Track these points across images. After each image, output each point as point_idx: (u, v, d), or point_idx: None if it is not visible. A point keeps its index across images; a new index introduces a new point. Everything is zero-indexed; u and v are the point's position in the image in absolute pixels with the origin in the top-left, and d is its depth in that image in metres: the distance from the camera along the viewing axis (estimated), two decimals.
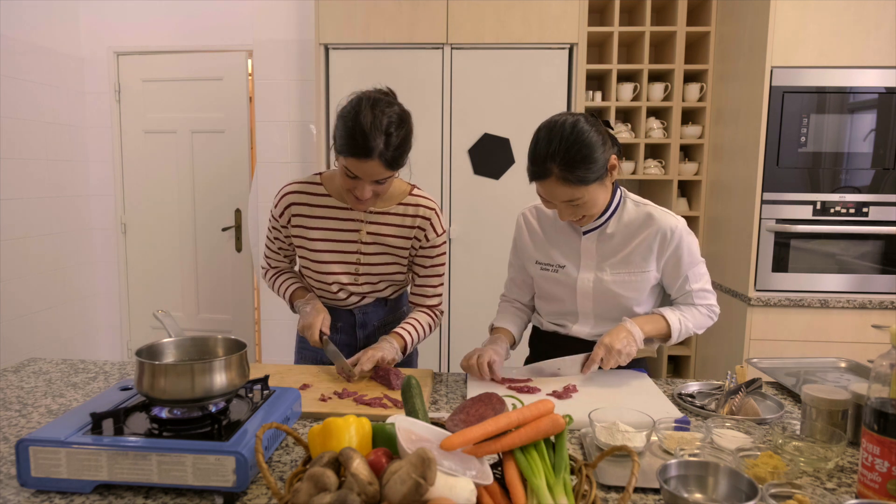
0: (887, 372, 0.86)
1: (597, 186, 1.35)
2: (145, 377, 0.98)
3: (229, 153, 3.54)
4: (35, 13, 3.19)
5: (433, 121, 2.95)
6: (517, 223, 1.60)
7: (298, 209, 1.54)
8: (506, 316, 1.63)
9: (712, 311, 1.51)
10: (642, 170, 3.09)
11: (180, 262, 3.68)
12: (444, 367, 3.06)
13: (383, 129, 1.31)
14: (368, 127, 1.30)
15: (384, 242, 1.54)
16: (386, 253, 1.55)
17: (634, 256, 1.45)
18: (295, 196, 1.54)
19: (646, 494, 0.95)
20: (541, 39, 2.87)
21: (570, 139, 1.29)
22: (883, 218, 2.53)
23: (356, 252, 1.54)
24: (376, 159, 1.32)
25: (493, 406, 0.95)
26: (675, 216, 1.45)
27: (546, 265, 1.53)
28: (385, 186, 1.41)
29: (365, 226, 1.53)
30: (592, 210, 1.39)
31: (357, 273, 1.56)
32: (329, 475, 0.76)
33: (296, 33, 3.27)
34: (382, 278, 1.59)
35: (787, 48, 2.47)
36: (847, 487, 0.97)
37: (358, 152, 1.31)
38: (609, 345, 1.38)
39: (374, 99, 1.35)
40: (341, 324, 1.64)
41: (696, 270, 1.47)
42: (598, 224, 1.46)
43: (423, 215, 1.54)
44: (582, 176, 1.30)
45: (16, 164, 3.07)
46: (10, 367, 1.57)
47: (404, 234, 1.54)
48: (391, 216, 1.53)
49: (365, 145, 1.30)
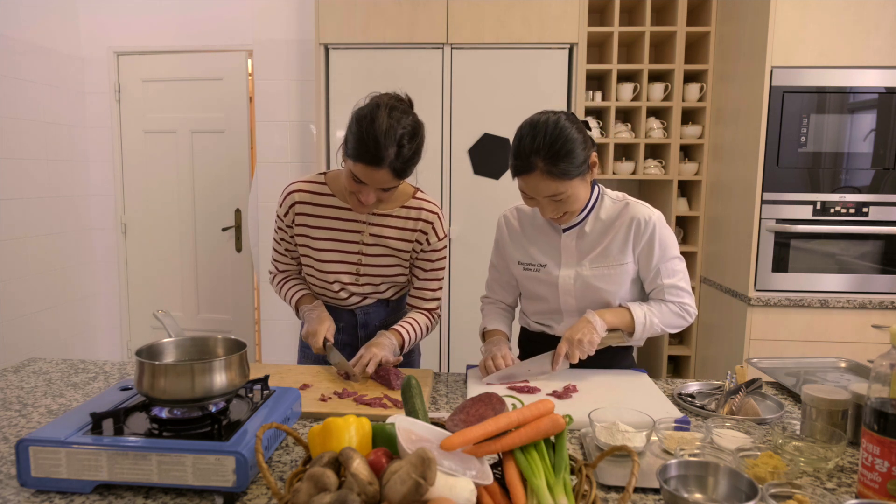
0: (887, 372, 0.86)
1: (579, 182, 1.37)
2: (145, 377, 0.98)
3: (229, 153, 3.54)
4: (35, 13, 3.19)
5: (433, 121, 2.94)
6: (498, 224, 1.62)
7: (302, 208, 1.54)
8: (495, 318, 1.64)
9: (685, 309, 1.48)
10: (642, 170, 3.09)
11: (180, 262, 3.68)
12: (444, 367, 3.06)
13: (396, 139, 1.30)
14: (382, 136, 1.29)
15: (386, 245, 1.54)
16: (388, 255, 1.55)
17: (612, 249, 1.46)
18: (299, 195, 1.54)
19: (646, 494, 0.94)
20: (541, 39, 2.87)
21: (554, 134, 1.31)
22: (883, 218, 2.53)
23: (358, 253, 1.54)
24: (386, 168, 1.31)
25: (493, 406, 0.95)
26: (651, 208, 1.47)
27: (528, 265, 1.54)
28: (390, 193, 1.41)
29: (367, 227, 1.53)
30: (574, 206, 1.40)
31: (358, 273, 1.57)
32: (329, 475, 0.76)
33: (296, 33, 3.27)
34: (384, 279, 1.59)
35: (787, 48, 2.47)
36: (847, 487, 0.97)
37: (368, 160, 1.30)
38: (570, 337, 1.40)
39: (391, 106, 1.34)
40: (343, 324, 1.64)
41: (670, 266, 1.46)
42: (577, 221, 1.48)
43: (426, 219, 1.54)
44: (565, 169, 1.32)
45: (16, 164, 3.07)
46: (10, 367, 1.57)
47: (406, 236, 1.54)
48: (394, 219, 1.53)
49: (376, 154, 1.29)
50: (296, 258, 1.66)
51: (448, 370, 3.05)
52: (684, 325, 1.50)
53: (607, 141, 3.06)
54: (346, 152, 1.37)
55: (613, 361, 1.56)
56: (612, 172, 3.09)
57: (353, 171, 1.34)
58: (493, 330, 1.61)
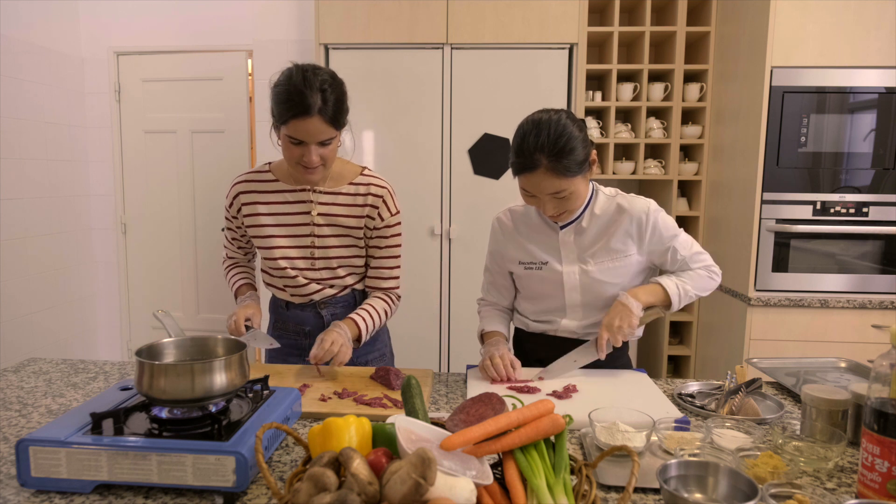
0: (887, 372, 0.86)
1: (580, 179, 1.38)
2: (145, 377, 0.98)
3: (229, 153, 3.54)
4: (35, 13, 3.19)
5: (433, 121, 2.95)
6: (493, 228, 1.63)
7: (247, 197, 1.56)
8: (493, 320, 1.64)
9: (711, 271, 1.52)
10: (642, 170, 3.09)
11: (180, 262, 3.68)
12: (444, 367, 3.06)
13: (318, 85, 1.34)
14: (302, 85, 1.33)
15: (337, 223, 1.54)
16: (341, 235, 1.55)
17: (615, 244, 1.48)
18: (243, 185, 1.57)
19: (646, 494, 0.94)
20: (541, 39, 2.87)
21: (557, 132, 1.32)
22: (883, 218, 2.53)
23: (310, 235, 1.55)
24: (316, 115, 1.34)
25: (493, 406, 0.95)
26: (644, 199, 1.49)
27: (529, 263, 1.55)
28: (331, 151, 1.43)
29: (316, 207, 1.54)
30: (576, 203, 1.41)
31: (313, 257, 1.56)
32: (329, 475, 0.76)
33: (296, 33, 3.27)
34: (340, 262, 1.58)
35: (787, 48, 2.47)
36: (847, 487, 0.97)
37: (297, 111, 1.34)
38: (608, 324, 1.42)
39: (302, 66, 1.39)
40: (309, 328, 1.62)
41: (680, 240, 1.50)
42: (574, 218, 1.49)
43: (375, 193, 1.54)
44: (569, 166, 1.33)
45: (16, 164, 3.07)
46: (10, 367, 1.57)
47: (356, 213, 1.54)
48: (342, 196, 1.54)
49: (302, 102, 1.33)
50: (243, 248, 1.70)
51: (448, 370, 3.05)
52: (715, 285, 1.53)
53: (607, 141, 3.06)
54: (275, 122, 1.40)
55: (609, 361, 1.56)
56: (612, 172, 3.09)
57: (288, 133, 1.38)
58: (491, 331, 1.61)
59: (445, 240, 3.01)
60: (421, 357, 3.07)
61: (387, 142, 2.99)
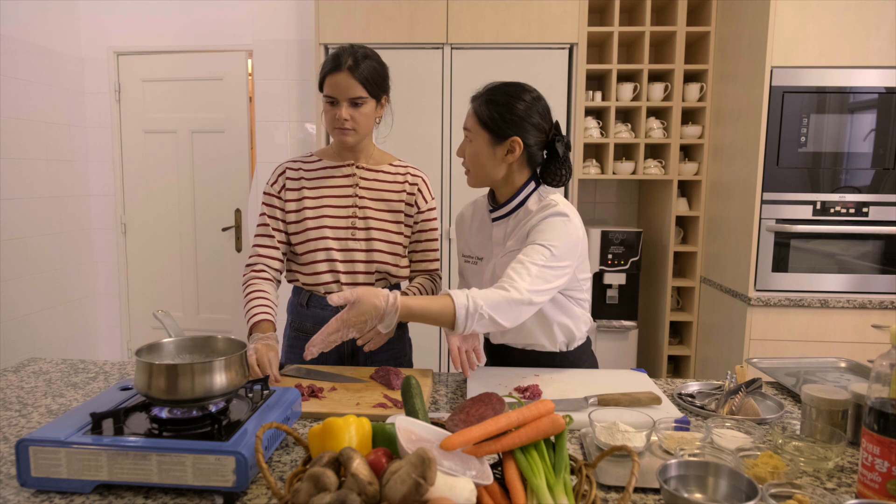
0: (887, 372, 0.86)
1: (486, 143, 1.39)
2: (145, 377, 0.98)
3: (229, 153, 3.54)
4: (35, 13, 3.19)
5: (433, 121, 2.95)
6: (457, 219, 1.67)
7: (293, 173, 1.60)
8: None
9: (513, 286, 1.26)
10: (642, 170, 3.09)
11: (180, 262, 3.68)
12: (444, 367, 3.06)
13: (352, 52, 1.47)
14: (340, 51, 1.47)
15: (379, 197, 1.58)
16: (382, 210, 1.58)
17: (521, 236, 1.40)
18: (289, 164, 1.63)
19: (646, 494, 0.94)
20: (541, 39, 2.87)
21: (506, 86, 1.39)
22: (883, 218, 2.53)
23: (352, 206, 1.56)
24: (345, 71, 1.44)
25: (493, 406, 0.95)
26: (561, 206, 1.37)
27: (468, 257, 1.58)
28: (362, 115, 1.48)
29: (359, 181, 1.58)
30: (472, 163, 1.43)
31: (354, 227, 1.55)
32: (329, 475, 0.76)
33: (296, 33, 3.27)
34: (379, 234, 1.55)
35: (787, 48, 2.47)
36: (847, 487, 0.97)
37: (330, 68, 1.46)
38: None
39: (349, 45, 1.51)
40: None
41: (536, 247, 1.31)
42: (504, 213, 1.47)
43: (414, 174, 1.63)
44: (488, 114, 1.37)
45: (16, 164, 3.07)
46: (10, 367, 1.57)
47: (396, 188, 1.60)
48: (384, 173, 1.61)
49: (336, 62, 1.46)
50: (283, 240, 1.59)
51: (448, 370, 3.05)
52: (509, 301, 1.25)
53: (607, 141, 3.06)
54: (320, 89, 1.51)
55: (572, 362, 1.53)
56: (612, 172, 3.10)
57: (325, 94, 1.48)
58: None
59: (445, 240, 3.01)
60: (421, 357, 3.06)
61: (387, 142, 2.98)
